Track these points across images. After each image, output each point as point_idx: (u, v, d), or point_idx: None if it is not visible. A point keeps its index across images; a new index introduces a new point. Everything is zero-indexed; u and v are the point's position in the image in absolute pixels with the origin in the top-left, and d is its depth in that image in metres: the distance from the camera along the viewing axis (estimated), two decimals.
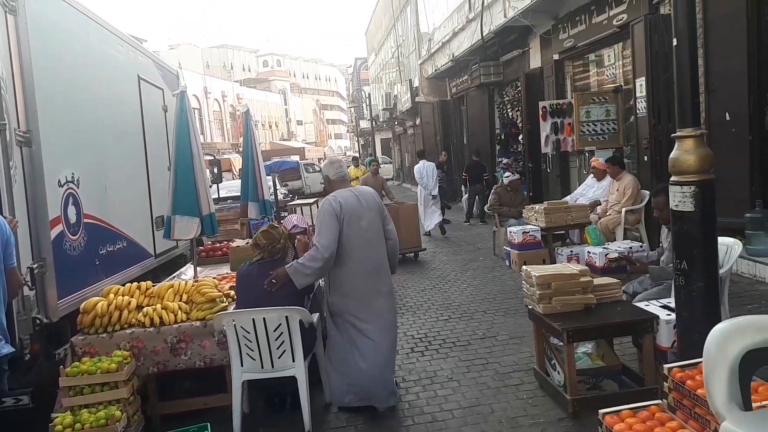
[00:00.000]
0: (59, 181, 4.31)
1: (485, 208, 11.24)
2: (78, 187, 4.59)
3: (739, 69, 6.54)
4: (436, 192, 12.33)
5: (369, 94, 39.09)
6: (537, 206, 8.07)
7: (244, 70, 77.94)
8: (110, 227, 5.17)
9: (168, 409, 4.13)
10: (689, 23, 3.23)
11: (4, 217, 3.47)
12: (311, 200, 15.96)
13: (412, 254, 9.94)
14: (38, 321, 3.78)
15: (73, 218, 4.47)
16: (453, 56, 16.37)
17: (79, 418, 3.38)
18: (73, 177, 4.53)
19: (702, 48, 6.78)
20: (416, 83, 23.90)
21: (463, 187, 15.60)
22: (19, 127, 3.86)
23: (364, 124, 44.63)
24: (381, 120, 37.81)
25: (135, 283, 4.51)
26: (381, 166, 24.10)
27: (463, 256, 9.67)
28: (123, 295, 4.25)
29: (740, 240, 4.37)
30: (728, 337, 1.97)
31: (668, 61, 6.98)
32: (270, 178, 11.53)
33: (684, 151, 3.18)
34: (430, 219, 12.24)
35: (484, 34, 13.21)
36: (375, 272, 4.12)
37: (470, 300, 6.88)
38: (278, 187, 15.88)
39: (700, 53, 6.65)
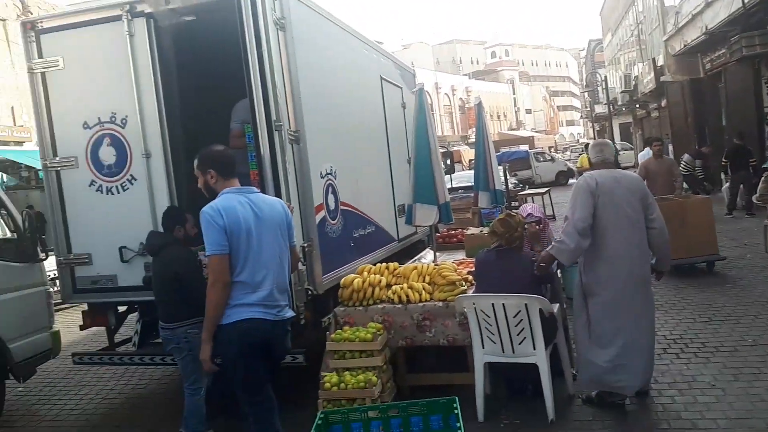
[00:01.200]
0: (321, 173, 4.88)
1: (753, 198, 9.72)
2: (335, 179, 5.14)
3: None
4: None
5: (605, 77, 36.55)
6: None
7: (473, 63, 79.00)
8: (361, 214, 5.70)
9: (415, 381, 4.41)
10: None
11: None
12: (542, 190, 15.59)
13: (704, 264, 7.45)
14: (309, 292, 4.35)
15: (332, 205, 5.02)
16: (706, 29, 14.43)
17: (343, 378, 3.82)
18: (331, 169, 5.08)
19: None
20: (660, 62, 21.65)
21: (723, 175, 13.65)
22: (290, 128, 4.46)
23: (600, 109, 41.92)
24: (619, 103, 35.10)
25: (384, 264, 4.92)
26: (620, 152, 22.25)
27: (726, 253, 8.46)
28: (374, 274, 4.67)
29: None
30: None
31: None
32: (501, 168, 11.56)
33: None
34: None
35: (746, 1, 11.36)
36: (630, 255, 3.87)
37: (735, 302, 6.03)
38: (508, 176, 15.79)
39: None
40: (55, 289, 5.31)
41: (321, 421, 2.80)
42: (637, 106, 31.22)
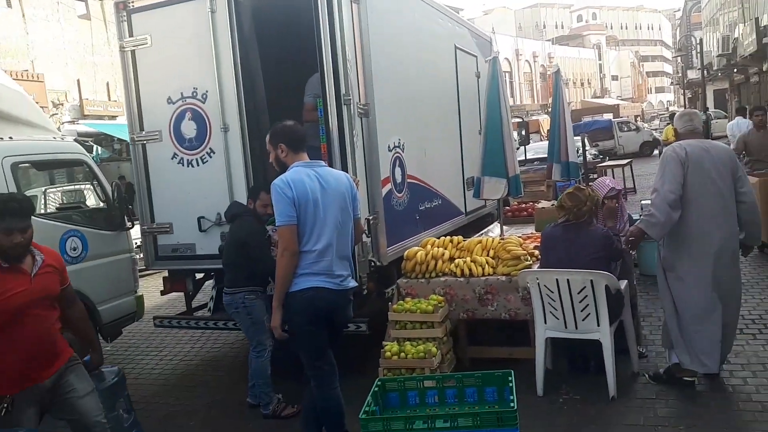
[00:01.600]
0: (388, 146, 4.95)
1: None
2: (403, 152, 5.19)
3: None
4: None
5: (700, 40, 34.06)
6: None
7: (557, 28, 75.73)
8: (428, 187, 5.74)
9: (476, 353, 4.48)
10: None
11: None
12: (624, 161, 14.90)
13: None
14: (373, 263, 4.48)
15: (399, 179, 5.10)
16: None
17: (404, 348, 3.95)
18: (399, 142, 5.14)
19: None
20: (765, 21, 19.89)
21: None
22: (360, 101, 4.54)
23: (693, 75, 39.22)
24: (715, 68, 32.67)
25: (448, 237, 4.97)
26: (715, 121, 20.70)
27: None
28: (438, 247, 4.73)
29: None
30: None
31: None
32: (579, 138, 11.16)
33: None
34: None
35: None
36: (718, 228, 3.72)
37: None
38: (588, 147, 15.19)
39: None
40: (140, 256, 5.69)
41: (378, 388, 2.94)
42: (735, 70, 28.95)
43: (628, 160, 15.73)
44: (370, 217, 4.47)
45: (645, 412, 3.61)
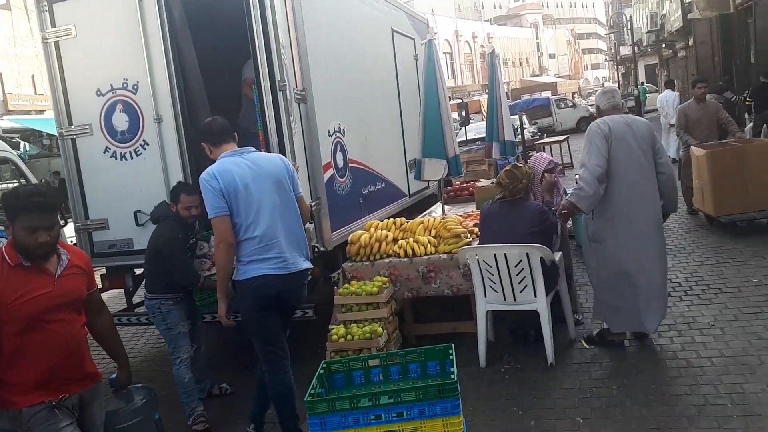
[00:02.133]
0: (329, 132, 4.95)
1: None
2: (344, 136, 5.21)
3: None
4: (673, 121, 11.46)
5: (630, 17, 35.23)
6: None
7: (495, 8, 76.55)
8: (371, 170, 5.79)
9: (421, 330, 4.62)
10: None
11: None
12: (561, 138, 15.36)
13: (765, 219, 6.41)
14: (317, 249, 4.50)
15: (340, 163, 5.12)
16: None
17: (350, 330, 4.02)
18: (339, 127, 5.15)
19: None
20: None
21: (746, 115, 13.28)
22: (296, 87, 4.51)
23: (625, 51, 40.58)
24: (645, 44, 33.90)
25: (391, 219, 5.04)
26: (647, 95, 21.41)
27: None
28: (381, 230, 4.81)
29: None
30: None
31: None
32: (516, 117, 11.43)
33: None
34: (669, 144, 11.85)
35: None
36: (641, 199, 3.93)
37: (746, 244, 6.02)
38: (527, 125, 15.57)
39: None
40: None
41: (323, 371, 2.98)
42: (663, 46, 30.14)
43: (565, 136, 16.22)
44: (313, 204, 4.48)
45: (581, 375, 3.81)
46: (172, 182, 4.59)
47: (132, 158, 4.70)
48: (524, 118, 14.42)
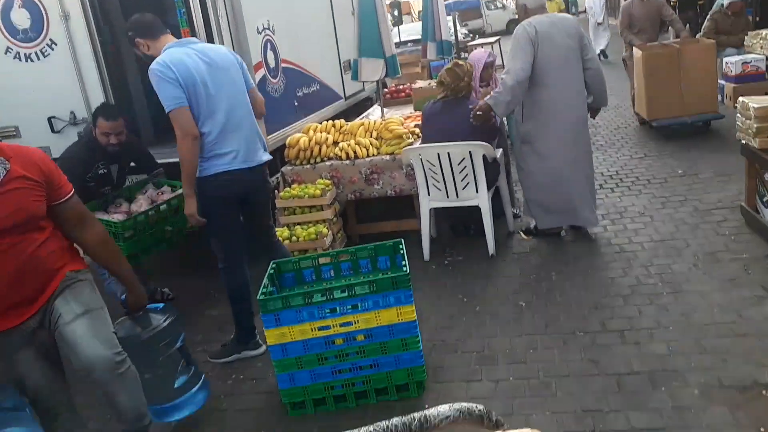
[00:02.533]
0: (257, 29, 4.63)
1: (697, 36, 9.71)
2: (274, 34, 4.89)
3: None
4: (601, 20, 12.70)
5: None
6: (764, 32, 6.82)
7: None
8: (305, 71, 5.52)
9: (365, 230, 4.62)
10: None
11: None
12: (492, 39, 15.22)
13: (700, 123, 6.30)
14: None
15: (272, 63, 4.84)
16: None
17: (294, 232, 3.96)
18: (269, 24, 4.82)
19: None
20: None
21: None
22: None
23: None
24: None
25: (330, 122, 4.88)
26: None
27: None
28: (321, 132, 4.65)
29: None
30: None
31: None
32: (450, 18, 11.15)
33: None
34: (596, 42, 12.42)
35: None
36: (570, 99, 3.94)
37: (671, 139, 6.25)
38: (458, 27, 15.24)
39: None
40: None
41: (273, 270, 2.94)
42: None
43: (497, 37, 16.06)
44: None
45: (521, 264, 3.96)
46: (88, 87, 4.24)
47: (39, 59, 4.28)
48: (456, 19, 14.10)
